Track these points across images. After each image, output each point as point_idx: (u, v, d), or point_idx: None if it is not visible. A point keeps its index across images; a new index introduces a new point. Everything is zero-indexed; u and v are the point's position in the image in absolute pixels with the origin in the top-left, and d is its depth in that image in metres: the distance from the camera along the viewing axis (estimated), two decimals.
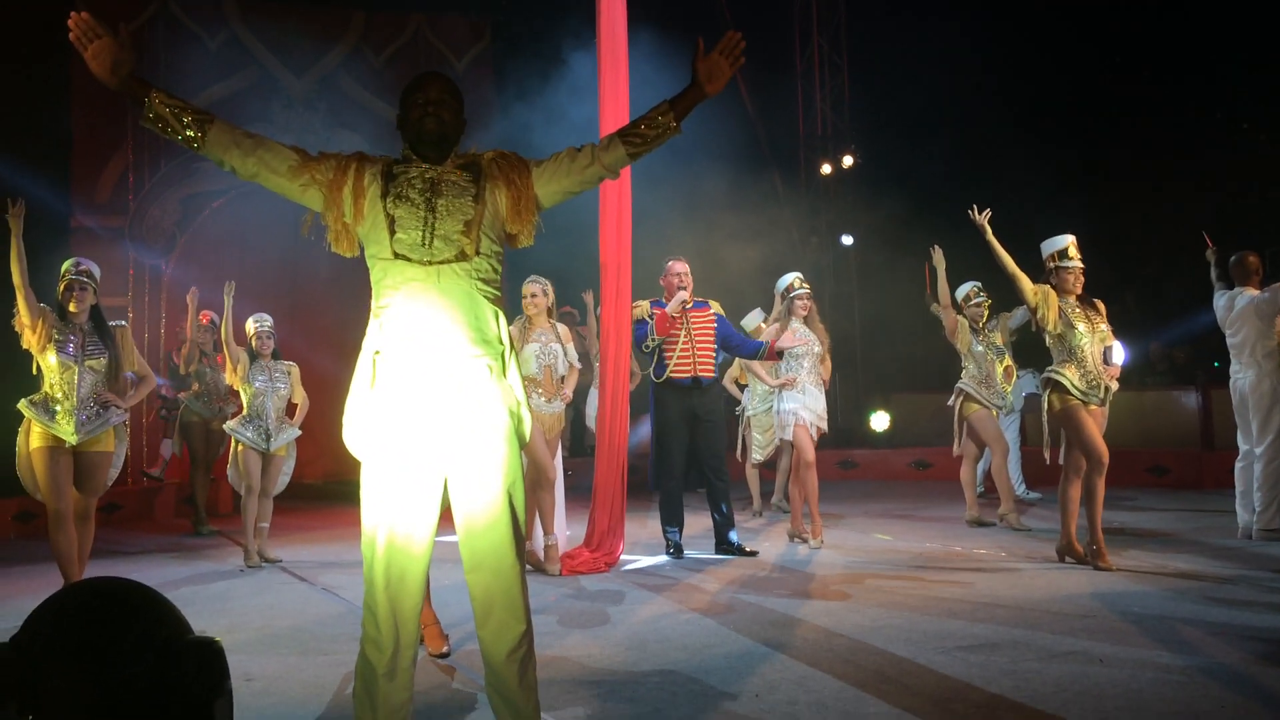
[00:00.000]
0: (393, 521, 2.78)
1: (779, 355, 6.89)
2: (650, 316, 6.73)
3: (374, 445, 2.84)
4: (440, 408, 2.82)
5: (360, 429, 2.88)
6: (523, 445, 2.99)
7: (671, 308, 6.68)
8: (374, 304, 2.94)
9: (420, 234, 2.85)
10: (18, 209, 5.30)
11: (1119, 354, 5.91)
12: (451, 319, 2.84)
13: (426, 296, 2.83)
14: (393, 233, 2.85)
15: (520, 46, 13.31)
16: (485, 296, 2.90)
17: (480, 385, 2.86)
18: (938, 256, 7.56)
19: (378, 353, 2.88)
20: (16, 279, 5.27)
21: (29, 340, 5.38)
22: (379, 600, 2.77)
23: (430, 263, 2.84)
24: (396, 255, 2.85)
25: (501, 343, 2.93)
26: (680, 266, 6.85)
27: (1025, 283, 5.90)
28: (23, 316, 5.33)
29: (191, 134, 2.84)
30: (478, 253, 2.89)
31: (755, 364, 7.67)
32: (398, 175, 2.93)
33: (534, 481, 6.02)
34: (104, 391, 5.51)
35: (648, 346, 6.72)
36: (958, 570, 5.88)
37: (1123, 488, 9.35)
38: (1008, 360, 7.77)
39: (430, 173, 2.93)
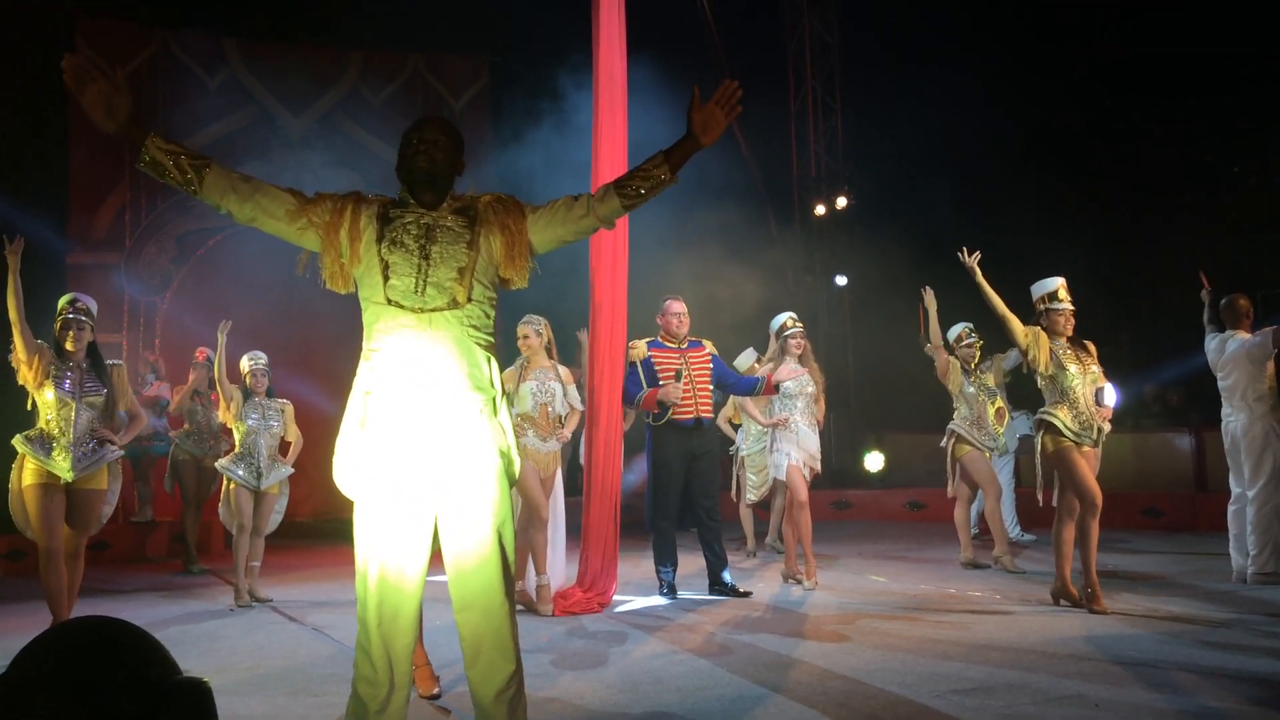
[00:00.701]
0: (384, 560, 2.78)
1: (776, 389, 6.91)
2: (643, 361, 6.74)
3: (365, 484, 2.84)
4: (430, 447, 2.82)
5: (351, 468, 2.88)
6: (512, 484, 2.99)
7: (663, 394, 6.67)
8: (365, 345, 2.96)
9: (413, 281, 2.87)
10: (16, 245, 5.32)
11: (1110, 396, 5.93)
12: (442, 364, 2.85)
13: (418, 342, 2.85)
14: (386, 279, 2.87)
15: (518, 86, 13.44)
16: (477, 343, 2.91)
17: (470, 425, 2.86)
18: (929, 298, 7.59)
19: (368, 393, 2.89)
20: (13, 315, 5.28)
21: (25, 376, 5.38)
22: (372, 639, 2.76)
23: (423, 310, 2.86)
24: (389, 301, 2.87)
25: (493, 386, 2.94)
26: (678, 307, 6.87)
27: (1016, 324, 5.92)
28: (19, 353, 5.33)
29: (188, 178, 2.86)
30: (470, 299, 2.91)
31: (749, 403, 7.66)
32: (393, 219, 2.95)
33: (526, 521, 5.99)
34: (100, 428, 5.51)
35: (631, 408, 6.74)
36: (952, 612, 5.85)
37: (1117, 530, 9.33)
38: (1000, 402, 7.78)
39: (426, 218, 2.95)
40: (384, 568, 2.77)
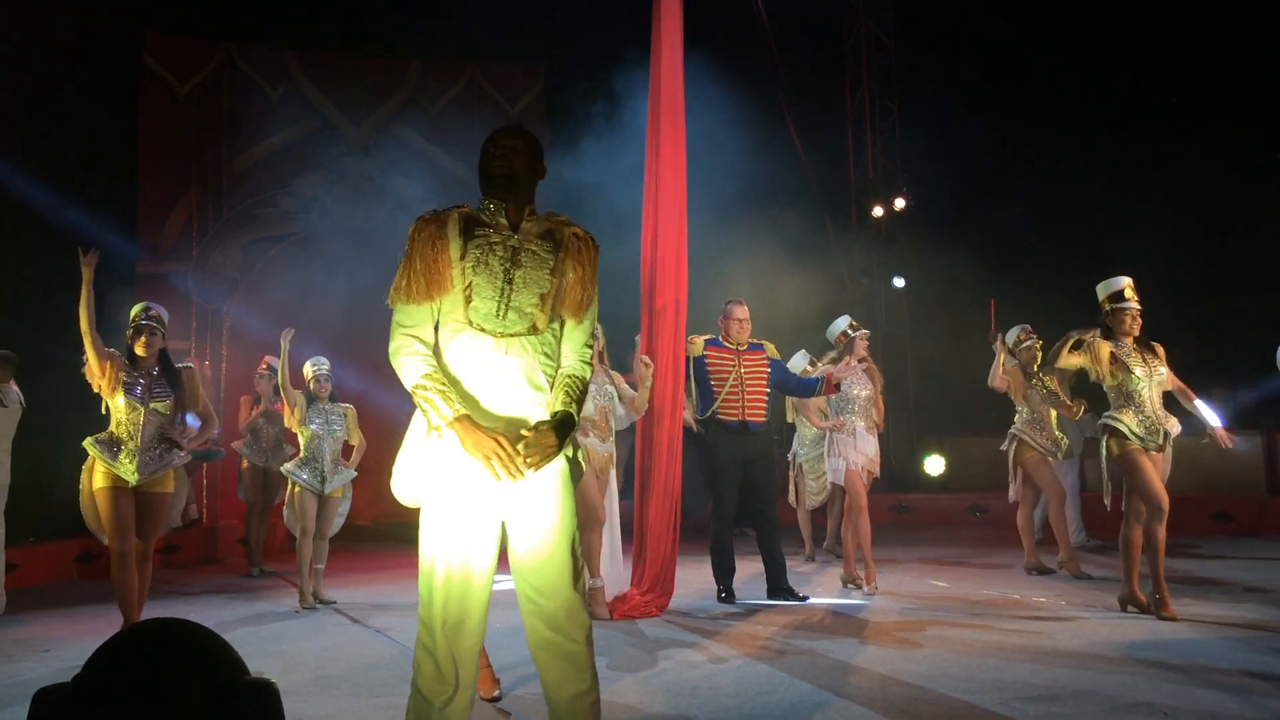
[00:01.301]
0: (451, 561, 2.78)
1: (837, 388, 6.87)
2: (697, 358, 6.75)
3: (434, 487, 2.86)
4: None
5: (414, 475, 2.91)
6: (577, 480, 3.00)
7: (838, 375, 6.74)
8: (440, 361, 2.94)
9: (495, 305, 2.86)
10: (91, 257, 5.46)
11: (1210, 416, 5.89)
12: (514, 383, 2.86)
13: (491, 367, 2.85)
14: (469, 300, 2.86)
15: (574, 91, 13.50)
16: (545, 369, 2.91)
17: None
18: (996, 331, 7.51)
19: (436, 428, 2.90)
20: (84, 325, 5.42)
21: (98, 384, 5.53)
22: (438, 641, 2.75)
23: (502, 334, 2.86)
24: (470, 323, 2.86)
25: (544, 390, 2.94)
26: (741, 312, 6.86)
27: (1072, 360, 5.85)
28: (91, 365, 5.48)
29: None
30: (548, 326, 2.91)
31: (809, 405, 7.64)
32: (478, 237, 2.92)
33: (583, 521, 6.01)
34: (169, 432, 5.64)
35: (715, 391, 6.73)
36: (1016, 618, 5.76)
37: (1185, 534, 9.13)
38: (1065, 399, 7.60)
39: (512, 240, 2.93)
40: (450, 569, 2.77)
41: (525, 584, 2.83)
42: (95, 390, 5.57)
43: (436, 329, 2.93)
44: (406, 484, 2.95)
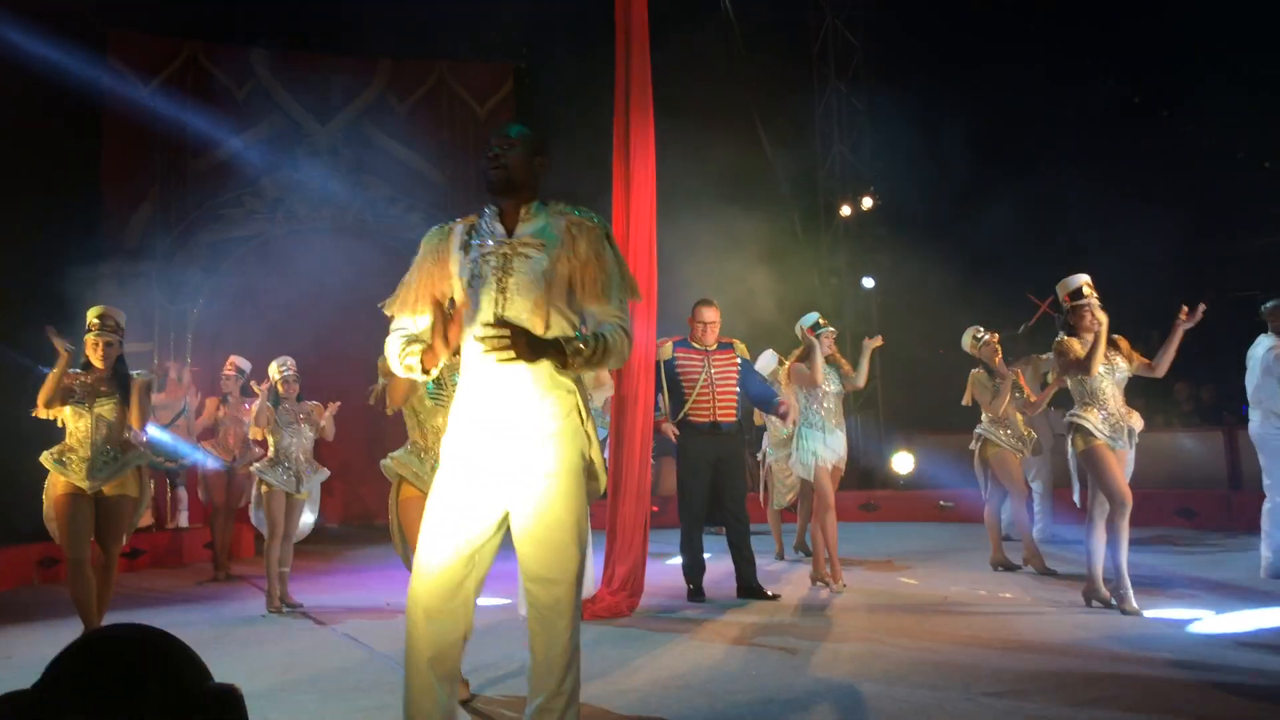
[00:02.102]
0: (444, 547, 2.80)
1: (784, 417, 6.88)
2: (666, 361, 6.77)
3: (438, 478, 2.88)
4: (502, 453, 2.84)
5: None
6: (594, 498, 2.98)
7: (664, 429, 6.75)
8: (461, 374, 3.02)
9: (491, 315, 2.86)
10: (63, 354, 5.36)
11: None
12: (513, 401, 2.86)
13: (493, 379, 2.87)
14: (472, 315, 2.91)
15: (543, 90, 13.50)
16: (552, 373, 2.88)
17: (551, 422, 2.86)
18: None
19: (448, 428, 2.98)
20: (41, 398, 5.39)
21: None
22: (419, 629, 2.79)
23: None
24: (474, 337, 2.87)
25: (576, 395, 2.93)
26: (710, 315, 6.88)
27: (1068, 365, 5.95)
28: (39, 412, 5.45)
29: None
30: (546, 329, 2.89)
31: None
32: (473, 249, 2.96)
33: None
34: (120, 435, 5.55)
35: (684, 393, 6.74)
36: (983, 614, 5.81)
37: (1149, 529, 9.24)
38: (1030, 394, 7.69)
39: (504, 247, 2.93)
40: (444, 554, 2.79)
41: (525, 565, 2.85)
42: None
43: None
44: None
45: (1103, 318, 5.82)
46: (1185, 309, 5.82)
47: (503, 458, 2.84)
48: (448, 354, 2.90)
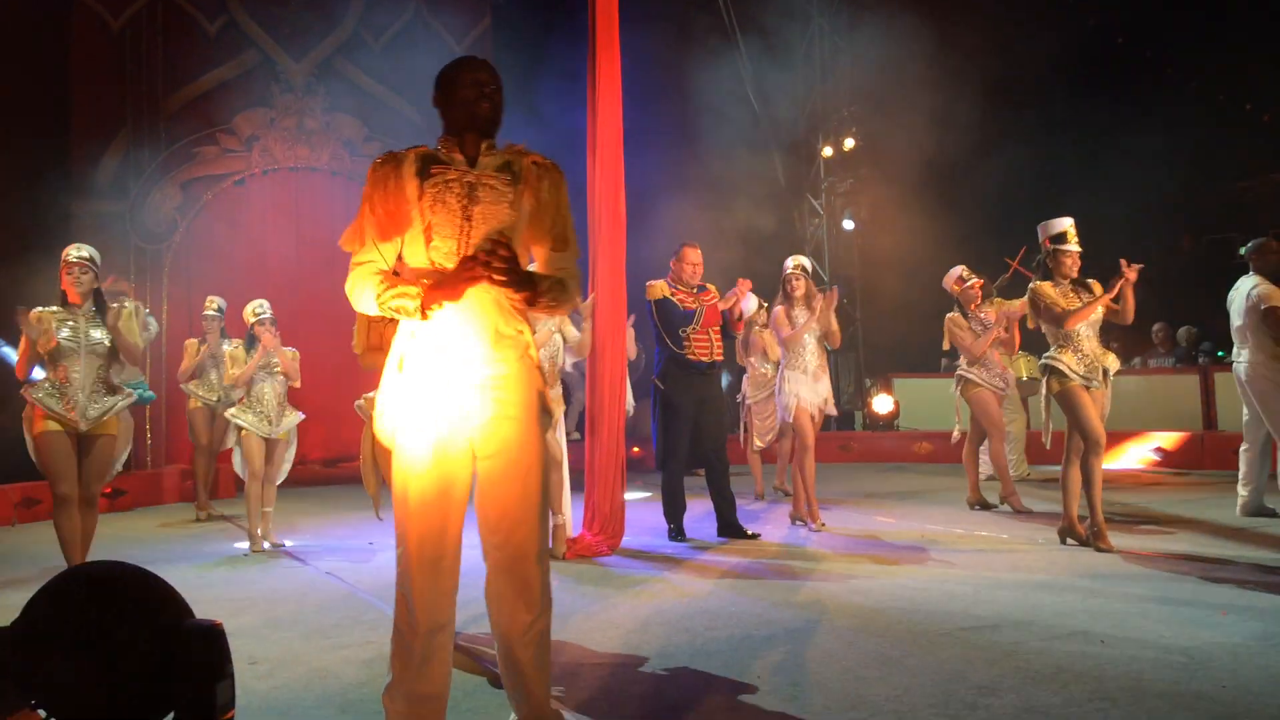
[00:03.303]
0: (425, 497, 2.76)
1: (740, 320, 7.02)
2: (659, 300, 6.76)
3: (406, 424, 2.82)
4: (468, 386, 2.79)
5: (390, 412, 2.87)
6: (547, 428, 2.97)
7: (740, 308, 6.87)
8: None
9: (456, 243, 2.81)
10: (24, 317, 5.37)
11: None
12: (481, 322, 2.81)
13: (458, 306, 2.79)
14: (429, 239, 2.81)
15: (520, 29, 13.28)
16: (515, 303, 2.87)
17: (508, 364, 2.83)
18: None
19: (401, 359, 2.86)
20: (20, 374, 5.43)
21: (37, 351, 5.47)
22: (414, 581, 2.73)
23: None
24: (432, 263, 2.82)
25: (527, 336, 2.91)
26: (695, 256, 6.88)
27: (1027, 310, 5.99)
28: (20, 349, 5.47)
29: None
30: None
31: (759, 342, 7.75)
32: (434, 175, 2.85)
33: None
34: (108, 375, 5.55)
35: (683, 332, 6.73)
36: (959, 552, 5.88)
37: (1123, 468, 9.35)
38: (1002, 331, 7.71)
39: (469, 176, 2.86)
40: (426, 503, 2.75)
41: (488, 509, 2.82)
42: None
43: (400, 273, 2.88)
44: (387, 420, 2.89)
45: (1098, 289, 5.88)
46: (1125, 263, 5.84)
47: (466, 398, 2.80)
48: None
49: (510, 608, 2.80)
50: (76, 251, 5.57)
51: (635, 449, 10.90)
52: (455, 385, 2.80)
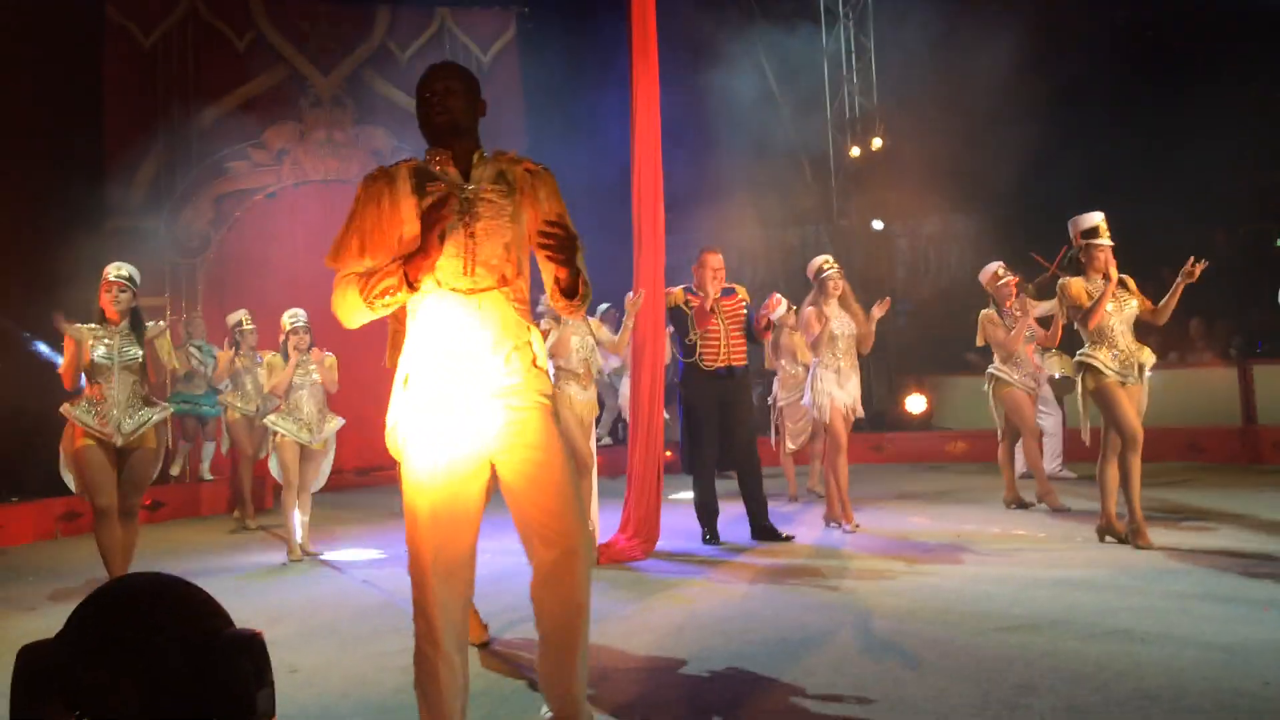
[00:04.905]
0: (438, 511, 2.74)
1: (766, 329, 6.94)
2: (686, 305, 6.76)
3: (415, 436, 2.80)
4: (479, 406, 2.79)
5: (399, 427, 2.86)
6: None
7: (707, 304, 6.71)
8: (409, 322, 2.89)
9: (461, 262, 2.79)
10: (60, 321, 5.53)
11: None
12: (490, 348, 2.81)
13: (466, 325, 2.79)
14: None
15: (548, 37, 13.33)
16: (521, 315, 2.87)
17: (517, 374, 2.83)
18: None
19: (407, 377, 2.86)
20: (67, 384, 5.56)
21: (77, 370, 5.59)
22: (430, 596, 2.71)
23: (473, 290, 2.80)
24: (438, 283, 2.79)
25: (530, 344, 2.91)
26: (715, 261, 6.85)
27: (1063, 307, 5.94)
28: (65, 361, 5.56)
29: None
30: (518, 274, 2.86)
31: (788, 345, 7.72)
32: (430, 192, 2.82)
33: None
34: (144, 389, 5.65)
35: (690, 340, 6.75)
36: (996, 552, 5.84)
37: (1161, 465, 9.24)
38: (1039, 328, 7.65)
39: (465, 192, 2.84)
40: (438, 518, 2.73)
41: (524, 506, 2.80)
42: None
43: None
44: (398, 434, 2.89)
45: (1113, 273, 5.79)
46: (1191, 261, 5.77)
47: (480, 409, 2.79)
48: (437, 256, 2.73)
49: (554, 597, 2.79)
50: (117, 270, 5.67)
51: (669, 453, 10.90)
52: (469, 397, 2.79)
